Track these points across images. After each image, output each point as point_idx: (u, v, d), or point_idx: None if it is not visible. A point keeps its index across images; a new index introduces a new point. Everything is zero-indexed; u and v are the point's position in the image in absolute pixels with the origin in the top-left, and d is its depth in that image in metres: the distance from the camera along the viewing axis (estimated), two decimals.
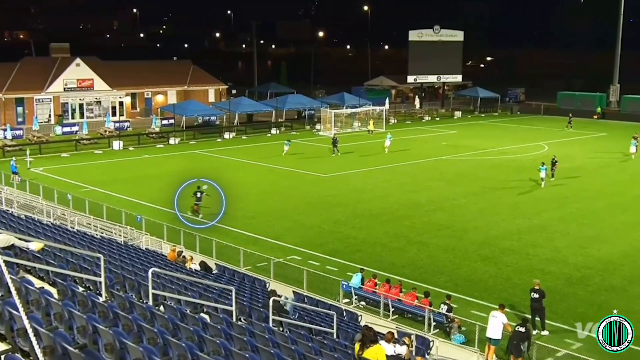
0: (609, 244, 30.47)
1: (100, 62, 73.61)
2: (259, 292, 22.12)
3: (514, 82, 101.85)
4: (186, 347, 10.05)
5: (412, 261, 28.49)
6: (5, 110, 65.28)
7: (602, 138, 62.94)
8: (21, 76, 66.90)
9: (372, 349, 13.61)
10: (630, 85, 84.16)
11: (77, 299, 12.40)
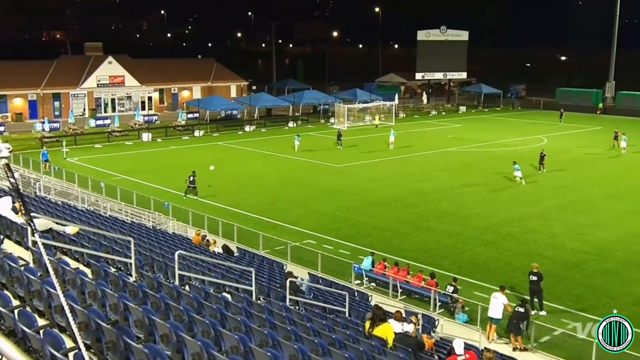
0: (603, 230, 30.29)
1: (130, 60, 73.75)
2: (276, 273, 22.19)
3: (515, 79, 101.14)
4: (209, 324, 10.11)
5: (419, 245, 28.47)
6: (44, 104, 65.69)
7: (597, 132, 62.32)
8: (58, 73, 67.22)
9: (381, 327, 13.64)
10: (625, 81, 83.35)
11: (110, 278, 12.48)
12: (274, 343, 10.42)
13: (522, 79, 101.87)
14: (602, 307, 22.02)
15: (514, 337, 18.81)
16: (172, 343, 8.80)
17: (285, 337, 11.16)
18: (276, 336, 10.79)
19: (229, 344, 9.53)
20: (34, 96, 65.57)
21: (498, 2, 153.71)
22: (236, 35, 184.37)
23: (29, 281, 10.00)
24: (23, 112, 64.70)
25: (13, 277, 10.47)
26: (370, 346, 12.51)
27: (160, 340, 8.97)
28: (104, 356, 8.04)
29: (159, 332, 9.06)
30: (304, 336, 11.69)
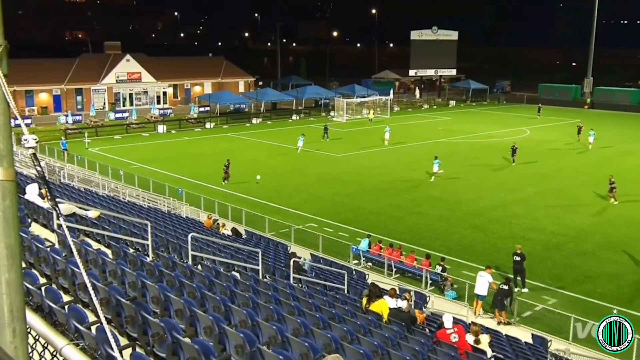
0: (581, 215, 30.32)
1: (146, 58, 73.60)
2: (281, 254, 22.25)
3: (501, 75, 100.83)
4: (220, 300, 10.14)
5: (412, 228, 28.51)
6: (67, 99, 65.66)
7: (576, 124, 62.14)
8: (80, 70, 67.21)
9: (377, 303, 13.69)
10: (602, 78, 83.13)
11: (128, 258, 12.53)
12: (278, 317, 10.46)
13: (508, 75, 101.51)
14: (579, 285, 22.11)
15: (498, 312, 18.86)
16: (186, 317, 8.84)
17: (289, 312, 11.20)
18: (281, 311, 10.83)
19: (238, 318, 9.57)
20: (58, 91, 65.59)
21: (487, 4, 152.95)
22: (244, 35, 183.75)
23: (55, 261, 10.03)
24: (48, 105, 64.78)
25: (40, 257, 10.51)
26: (367, 320, 12.56)
27: (175, 314, 9.01)
28: (124, 329, 8.08)
29: (174, 308, 9.10)
30: (306, 311, 11.74)
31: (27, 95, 63.67)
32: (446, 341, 12.28)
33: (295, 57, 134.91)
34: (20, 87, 61.24)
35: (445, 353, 11.40)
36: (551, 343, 16.55)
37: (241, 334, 8.03)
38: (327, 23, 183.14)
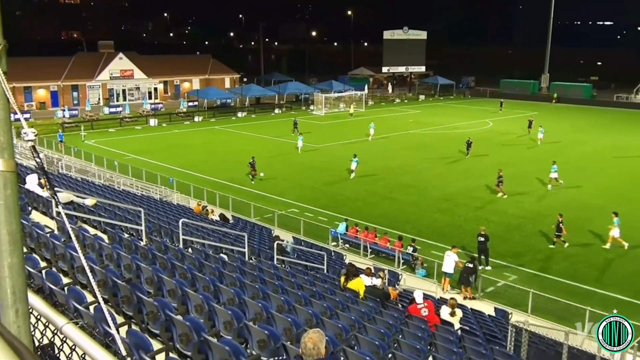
0: (539, 199, 30.68)
1: (138, 56, 72.73)
2: (265, 237, 22.24)
3: (466, 71, 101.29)
4: (209, 280, 10.13)
5: (385, 213, 28.63)
6: (64, 94, 64.68)
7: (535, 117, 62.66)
8: (75, 67, 66.20)
9: (354, 281, 13.77)
10: (557, 73, 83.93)
11: (123, 243, 12.44)
12: (264, 295, 10.48)
13: (472, 71, 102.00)
14: (537, 262, 22.42)
15: (464, 288, 19.07)
16: (178, 297, 8.82)
17: (274, 290, 11.23)
18: (266, 290, 10.85)
19: (226, 297, 9.57)
20: (55, 87, 64.56)
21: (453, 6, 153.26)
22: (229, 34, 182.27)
23: (54, 246, 9.93)
24: (46, 101, 63.78)
25: (40, 243, 10.39)
26: (345, 297, 12.63)
27: (167, 294, 8.99)
28: (120, 308, 8.04)
29: (167, 288, 9.07)
30: (289, 289, 11.77)
31: (25, 92, 62.59)
32: (417, 315, 12.40)
33: (277, 55, 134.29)
34: (20, 83, 60.13)
35: (416, 326, 11.51)
36: (512, 315, 16.79)
37: (229, 311, 8.04)
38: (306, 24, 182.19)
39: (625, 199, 30.87)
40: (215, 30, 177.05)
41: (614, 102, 73.75)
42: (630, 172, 37.23)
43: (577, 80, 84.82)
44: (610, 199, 30.78)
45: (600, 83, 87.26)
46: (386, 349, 9.05)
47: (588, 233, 25.57)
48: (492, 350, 10.97)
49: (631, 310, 17.70)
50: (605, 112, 68.11)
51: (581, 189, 32.91)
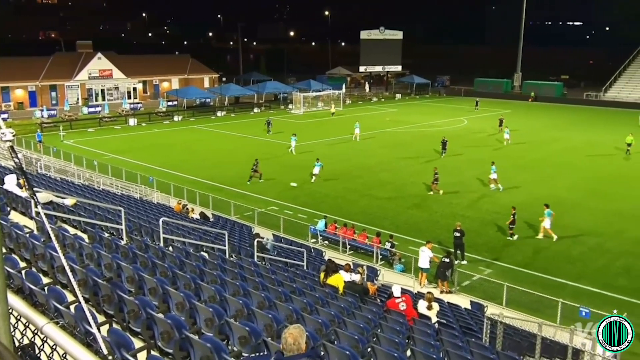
0: (513, 194, 30.99)
1: (117, 56, 71.92)
2: (246, 235, 22.18)
3: (441, 70, 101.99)
4: (190, 278, 10.08)
5: (364, 209, 28.73)
6: (42, 94, 63.74)
7: (508, 115, 63.29)
8: (54, 67, 65.23)
9: (333, 277, 13.80)
10: (529, 72, 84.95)
11: (104, 242, 12.31)
12: (244, 292, 10.46)
13: (447, 70, 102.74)
14: (511, 257, 22.69)
15: (441, 282, 19.22)
16: (159, 295, 8.76)
17: (254, 287, 11.21)
18: (246, 287, 10.83)
19: (207, 294, 9.53)
20: (34, 87, 63.58)
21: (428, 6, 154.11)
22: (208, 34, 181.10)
23: (34, 246, 9.79)
24: (24, 101, 62.80)
25: (20, 243, 10.24)
26: (325, 293, 12.66)
27: (148, 292, 8.92)
28: (101, 307, 7.96)
29: (148, 286, 9.00)
30: (270, 286, 11.76)
31: (3, 92, 61.61)
32: (395, 309, 12.47)
33: (255, 55, 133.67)
34: None
35: (394, 320, 11.58)
36: (487, 308, 16.99)
37: (210, 308, 8.01)
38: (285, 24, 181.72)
39: (597, 194, 31.43)
40: (194, 30, 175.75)
41: (584, 100, 74.89)
42: (602, 168, 37.87)
43: (548, 79, 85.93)
44: (583, 195, 31.33)
45: (571, 82, 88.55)
46: (365, 343, 9.10)
47: (561, 227, 25.93)
48: (469, 342, 11.09)
49: (601, 301, 18.06)
50: (575, 110, 69.14)
51: (554, 185, 33.38)
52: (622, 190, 32.27)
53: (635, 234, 25.04)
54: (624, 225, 26.22)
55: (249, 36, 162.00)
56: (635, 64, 79.57)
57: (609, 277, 20.63)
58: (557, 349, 12.72)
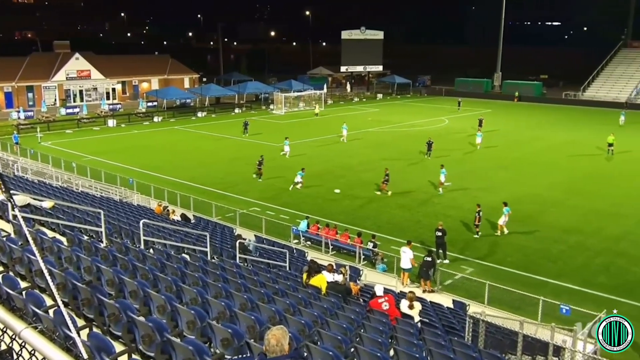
0: (494, 193, 31.24)
1: (95, 56, 71.17)
2: (227, 236, 22.08)
3: (422, 70, 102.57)
4: (171, 280, 10.02)
5: (346, 210, 28.78)
6: (19, 95, 62.85)
7: (488, 114, 63.91)
8: (30, 68, 64.34)
9: (316, 278, 13.81)
10: (509, 72, 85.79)
11: (83, 245, 12.18)
12: (226, 294, 10.42)
13: (428, 70, 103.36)
14: (492, 255, 22.89)
15: (423, 282, 19.33)
16: (140, 298, 8.69)
17: (236, 289, 11.17)
18: (228, 288, 10.79)
19: (189, 297, 9.47)
20: (10, 88, 62.64)
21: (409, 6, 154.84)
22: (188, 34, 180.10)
23: (11, 249, 9.65)
24: (0, 102, 61.78)
25: None
26: (307, 294, 12.66)
27: (129, 296, 8.84)
28: (81, 311, 7.88)
29: (128, 289, 8.92)
30: (252, 287, 11.73)
31: None
32: (378, 309, 12.52)
33: (236, 55, 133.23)
34: None
35: (377, 320, 11.61)
36: (469, 307, 17.12)
37: (192, 310, 7.96)
38: (265, 24, 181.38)
39: (577, 193, 31.85)
40: (173, 30, 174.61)
41: (563, 100, 75.87)
42: (582, 167, 38.37)
43: (527, 79, 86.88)
44: (563, 193, 31.73)
45: (550, 81, 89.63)
46: (348, 343, 9.12)
47: (542, 226, 26.26)
48: (451, 341, 11.17)
49: (581, 298, 18.31)
50: (555, 109, 70.00)
51: (535, 183, 33.75)
52: (601, 188, 32.75)
53: (614, 232, 25.45)
54: (603, 223, 26.63)
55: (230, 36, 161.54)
56: (612, 63, 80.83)
57: (588, 274, 20.93)
58: (539, 346, 12.87)
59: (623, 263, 21.99)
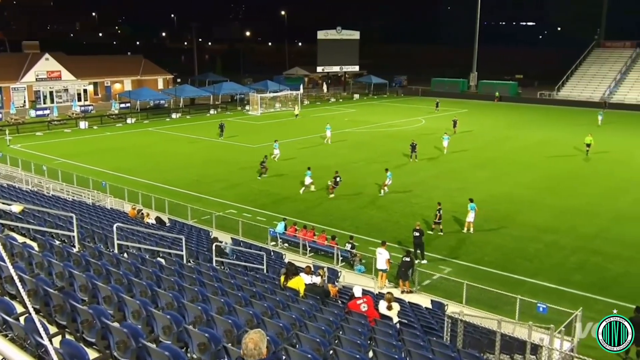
0: (470, 193, 31.50)
1: (66, 57, 70.16)
2: (203, 239, 21.94)
3: (398, 70, 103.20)
4: (147, 285, 9.92)
5: (324, 211, 28.80)
6: None
7: (464, 114, 64.60)
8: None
9: (294, 280, 13.80)
10: (485, 72, 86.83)
11: (55, 250, 12.00)
12: (203, 298, 10.35)
13: (404, 70, 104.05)
14: (471, 255, 23.12)
15: (402, 282, 19.43)
16: (114, 303, 8.59)
17: (213, 292, 11.10)
18: (205, 292, 10.72)
19: (164, 301, 9.39)
20: None
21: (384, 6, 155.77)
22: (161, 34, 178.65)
23: None
24: None
25: None
26: (285, 296, 12.64)
27: (103, 301, 8.74)
28: (53, 318, 7.76)
29: (102, 295, 8.81)
30: (229, 291, 11.67)
31: None
32: (357, 311, 12.54)
33: (211, 56, 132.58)
34: None
35: (356, 321, 11.64)
36: (447, 307, 17.26)
37: (168, 315, 7.90)
38: (240, 24, 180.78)
39: (552, 191, 32.35)
40: (146, 30, 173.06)
41: (538, 99, 77.06)
42: (557, 166, 38.94)
43: (503, 79, 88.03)
44: (538, 192, 32.19)
45: (525, 81, 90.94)
46: (327, 345, 9.12)
47: (517, 224, 26.61)
48: (430, 341, 11.24)
49: (557, 297, 18.60)
50: (530, 109, 71.04)
51: (510, 182, 34.19)
52: (576, 187, 33.31)
53: (588, 230, 25.91)
54: (577, 221, 27.09)
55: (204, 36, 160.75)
56: (585, 63, 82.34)
57: (564, 272, 21.27)
58: (517, 344, 13.03)
59: (598, 261, 22.40)
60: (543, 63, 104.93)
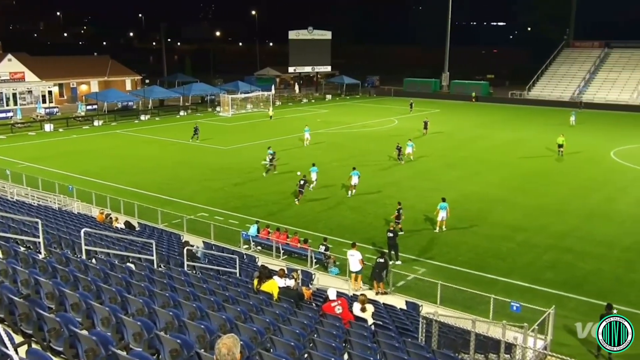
0: (443, 193, 31.75)
1: (30, 58, 68.92)
2: (174, 243, 21.73)
3: (371, 71, 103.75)
4: (116, 291, 9.79)
5: (297, 213, 28.79)
6: None
7: (437, 114, 65.24)
8: None
9: (267, 283, 13.76)
10: (456, 72, 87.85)
11: (20, 257, 11.77)
12: (175, 303, 10.26)
13: (377, 71, 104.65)
14: (444, 255, 23.34)
15: (376, 284, 19.51)
16: (82, 310, 8.46)
17: (185, 297, 11.02)
18: (177, 297, 10.63)
19: (135, 307, 9.28)
20: None
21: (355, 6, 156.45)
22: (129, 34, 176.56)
23: None
24: None
25: None
26: (259, 300, 12.60)
27: (71, 308, 8.59)
28: (18, 327, 7.60)
29: (70, 302, 8.67)
30: (201, 296, 11.59)
31: None
32: (331, 313, 12.57)
33: (180, 56, 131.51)
34: None
35: (330, 324, 11.66)
36: (422, 307, 17.40)
37: (138, 322, 7.81)
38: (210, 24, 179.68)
39: (522, 190, 32.88)
40: (113, 30, 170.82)
41: (509, 99, 78.29)
42: (529, 165, 39.57)
43: (474, 78, 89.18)
44: (509, 191, 32.68)
45: (496, 81, 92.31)
46: (302, 349, 9.12)
47: (490, 224, 26.97)
48: (405, 342, 11.32)
49: (531, 295, 18.90)
50: (502, 109, 72.13)
51: (481, 182, 34.65)
52: (547, 186, 33.91)
53: (559, 229, 26.40)
54: (548, 220, 27.57)
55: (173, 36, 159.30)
56: (556, 63, 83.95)
57: (537, 271, 21.62)
58: (491, 344, 13.21)
59: (569, 259, 22.83)
60: (514, 63, 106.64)
